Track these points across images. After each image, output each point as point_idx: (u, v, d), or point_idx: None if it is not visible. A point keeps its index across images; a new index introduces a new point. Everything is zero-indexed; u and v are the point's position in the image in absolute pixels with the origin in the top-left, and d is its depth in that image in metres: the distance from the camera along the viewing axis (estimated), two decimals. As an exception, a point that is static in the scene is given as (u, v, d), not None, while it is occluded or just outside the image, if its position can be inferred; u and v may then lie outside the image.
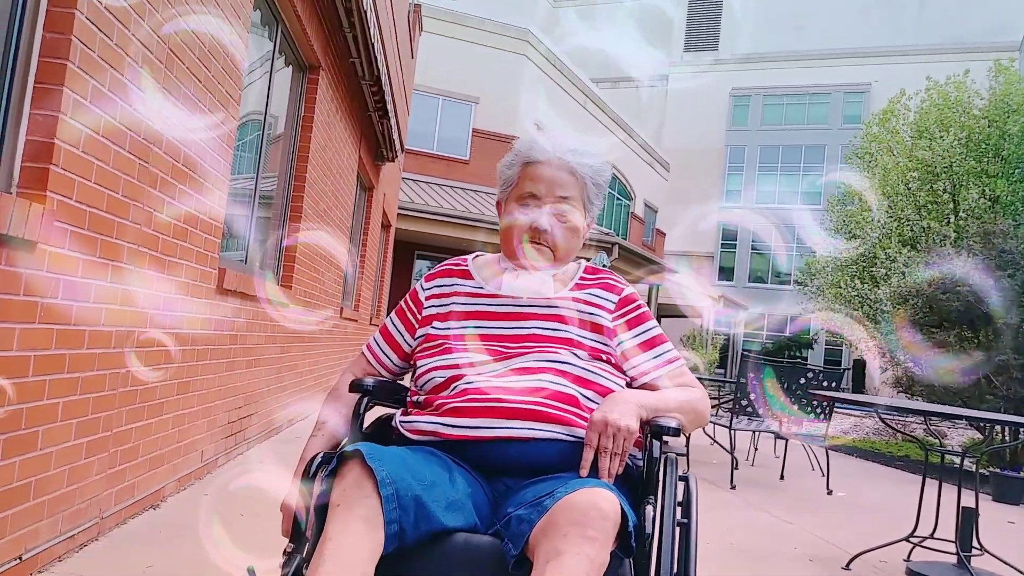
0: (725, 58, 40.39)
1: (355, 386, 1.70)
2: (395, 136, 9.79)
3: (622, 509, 1.32)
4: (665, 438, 1.53)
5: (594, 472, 1.47)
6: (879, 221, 16.39)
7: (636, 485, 1.55)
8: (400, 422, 1.63)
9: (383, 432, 1.71)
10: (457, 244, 17.33)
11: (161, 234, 3.15)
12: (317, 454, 1.47)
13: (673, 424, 1.52)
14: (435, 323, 1.72)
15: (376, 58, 6.90)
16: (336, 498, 1.33)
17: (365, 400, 1.68)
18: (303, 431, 6.20)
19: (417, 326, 1.77)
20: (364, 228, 10.32)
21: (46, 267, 2.32)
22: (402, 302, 1.85)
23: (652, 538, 1.37)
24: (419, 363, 1.69)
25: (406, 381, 1.87)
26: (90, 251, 2.58)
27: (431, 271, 1.84)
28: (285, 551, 1.41)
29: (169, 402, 3.51)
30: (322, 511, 1.34)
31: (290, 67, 5.61)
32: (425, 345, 1.70)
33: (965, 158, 15.52)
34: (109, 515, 2.99)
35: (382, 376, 1.83)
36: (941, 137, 15.80)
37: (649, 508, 1.40)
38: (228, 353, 4.32)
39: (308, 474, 1.43)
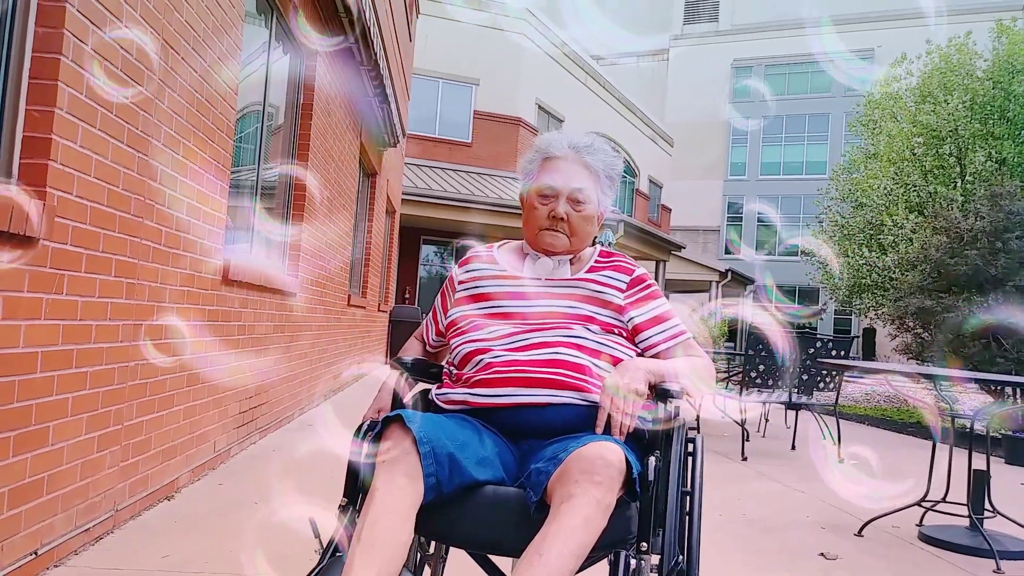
0: (726, 29, 40.03)
1: (397, 363, 1.90)
2: (396, 121, 9.76)
3: (627, 459, 1.49)
4: (676, 404, 1.71)
5: (608, 431, 1.64)
6: (885, 188, 16.27)
7: (645, 442, 1.71)
8: (435, 394, 1.84)
9: (423, 404, 1.90)
10: (463, 228, 17.31)
11: (164, 226, 3.16)
12: (363, 423, 1.68)
13: (677, 387, 1.68)
14: (465, 304, 1.91)
15: (373, 42, 6.87)
16: (381, 456, 1.53)
17: (405, 375, 1.87)
18: (315, 419, 6.24)
19: (451, 307, 1.96)
20: (368, 215, 10.31)
21: (48, 263, 2.33)
22: (443, 286, 2.07)
23: (655, 485, 1.53)
24: (452, 341, 1.89)
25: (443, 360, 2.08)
26: (92, 246, 2.58)
27: (464, 258, 2.04)
28: (340, 504, 1.61)
29: (180, 394, 3.53)
30: (370, 468, 1.55)
31: (287, 54, 5.59)
32: (458, 325, 1.88)
33: (970, 121, 15.36)
34: (124, 507, 3.02)
35: (426, 348, 2.08)
36: (945, 101, 15.64)
37: (652, 459, 1.56)
38: (236, 344, 4.33)
39: (357, 437, 1.63)
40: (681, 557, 1.67)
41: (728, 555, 3.27)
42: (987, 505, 3.71)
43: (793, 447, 6.41)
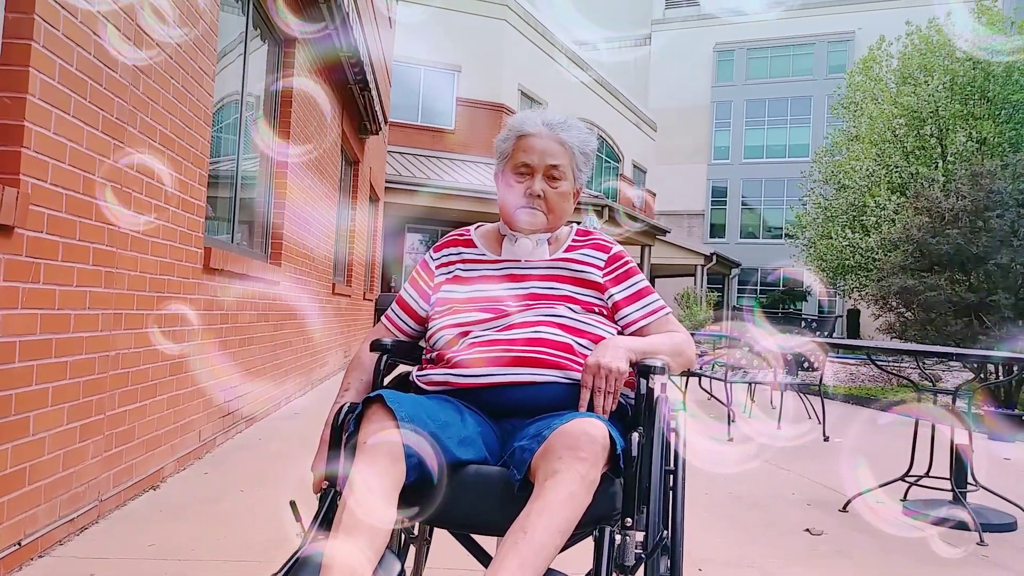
0: (707, 13, 40.01)
1: (375, 345, 1.86)
2: (377, 108, 9.70)
3: (610, 435, 1.49)
4: (658, 380, 1.70)
5: (591, 410, 1.65)
6: (867, 169, 16.35)
7: (629, 419, 1.72)
8: (416, 376, 1.81)
9: (402, 387, 1.88)
10: (447, 215, 17.27)
11: (141, 214, 3.13)
12: (344, 404, 1.66)
13: (659, 363, 1.65)
14: (444, 288, 1.90)
15: (352, 29, 6.81)
16: (363, 437, 1.50)
17: (385, 358, 1.84)
18: (301, 407, 6.23)
19: (431, 292, 1.94)
20: (352, 203, 10.26)
21: (24, 252, 2.30)
22: (414, 272, 2.02)
23: (638, 461, 1.54)
24: (431, 324, 1.87)
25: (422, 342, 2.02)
26: (69, 234, 2.56)
27: (439, 242, 2.02)
28: (322, 487, 1.58)
29: (163, 383, 3.51)
30: (351, 451, 1.52)
31: (265, 42, 5.53)
32: (436, 308, 1.88)
33: (950, 101, 15.45)
34: (108, 497, 3.00)
35: (398, 336, 1.98)
36: (926, 82, 15.72)
37: (635, 435, 1.56)
38: (220, 332, 4.31)
39: (337, 421, 1.61)
40: (665, 532, 1.66)
41: (714, 532, 3.29)
42: (969, 479, 3.75)
43: (779, 427, 6.45)
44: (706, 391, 7.14)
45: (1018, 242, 7.71)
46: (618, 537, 1.49)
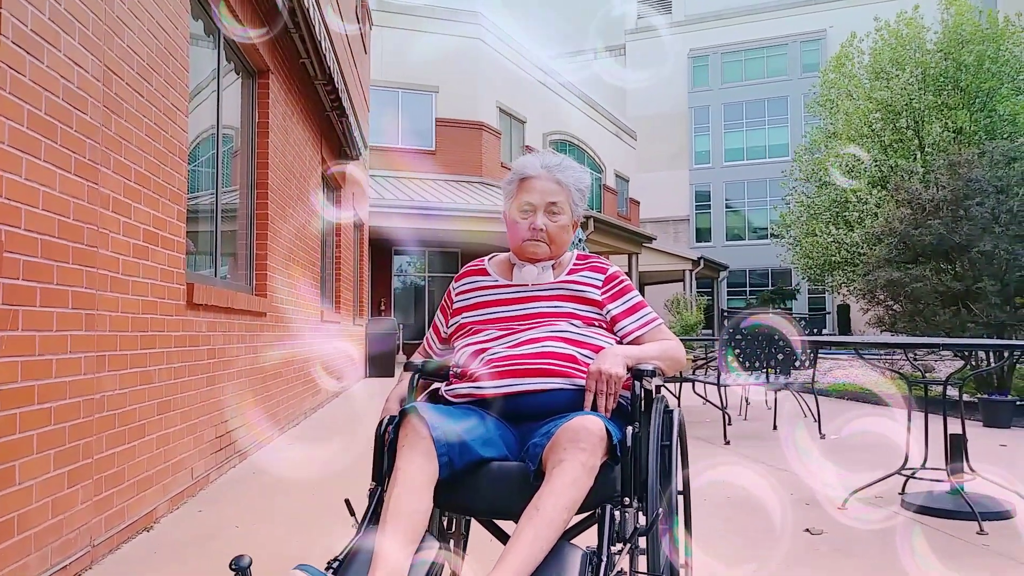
0: (679, 20, 40.31)
1: (408, 366, 2.16)
2: (356, 134, 9.71)
3: (607, 428, 1.75)
4: (653, 381, 1.95)
5: (595, 410, 1.89)
6: (847, 165, 16.45)
7: (627, 415, 1.96)
8: (444, 391, 2.09)
9: (434, 400, 2.14)
10: (432, 236, 17.27)
11: (120, 254, 3.11)
12: (384, 417, 1.94)
13: (650, 367, 1.92)
14: (464, 313, 2.20)
15: (325, 56, 6.83)
16: (401, 441, 1.79)
17: (416, 376, 2.14)
18: (295, 438, 6.19)
19: (451, 317, 2.25)
20: (336, 229, 10.25)
21: (0, 300, 2.28)
22: (442, 300, 2.35)
23: (633, 449, 1.81)
24: (455, 344, 2.18)
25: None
26: (46, 279, 2.54)
27: (459, 273, 2.32)
28: (370, 488, 1.85)
29: (151, 423, 3.47)
30: (392, 454, 1.81)
31: (239, 75, 5.54)
32: (459, 331, 2.19)
33: (924, 93, 15.59)
34: (100, 542, 2.96)
35: (431, 356, 2.31)
36: (897, 75, 15.86)
37: (629, 428, 1.84)
38: (207, 368, 4.28)
39: (379, 430, 1.90)
40: (661, 510, 1.86)
41: (714, 537, 3.27)
42: (965, 467, 3.75)
43: (775, 427, 6.45)
44: (700, 396, 7.14)
45: (999, 228, 7.74)
46: (617, 514, 1.74)
